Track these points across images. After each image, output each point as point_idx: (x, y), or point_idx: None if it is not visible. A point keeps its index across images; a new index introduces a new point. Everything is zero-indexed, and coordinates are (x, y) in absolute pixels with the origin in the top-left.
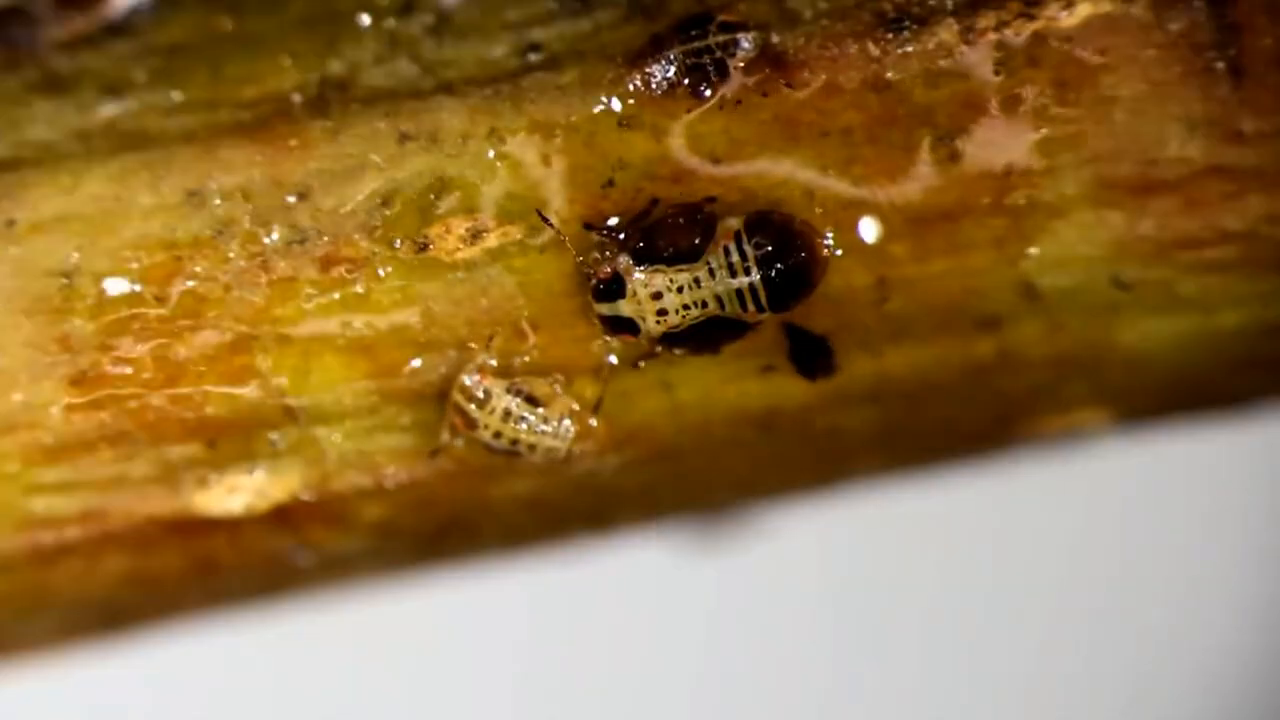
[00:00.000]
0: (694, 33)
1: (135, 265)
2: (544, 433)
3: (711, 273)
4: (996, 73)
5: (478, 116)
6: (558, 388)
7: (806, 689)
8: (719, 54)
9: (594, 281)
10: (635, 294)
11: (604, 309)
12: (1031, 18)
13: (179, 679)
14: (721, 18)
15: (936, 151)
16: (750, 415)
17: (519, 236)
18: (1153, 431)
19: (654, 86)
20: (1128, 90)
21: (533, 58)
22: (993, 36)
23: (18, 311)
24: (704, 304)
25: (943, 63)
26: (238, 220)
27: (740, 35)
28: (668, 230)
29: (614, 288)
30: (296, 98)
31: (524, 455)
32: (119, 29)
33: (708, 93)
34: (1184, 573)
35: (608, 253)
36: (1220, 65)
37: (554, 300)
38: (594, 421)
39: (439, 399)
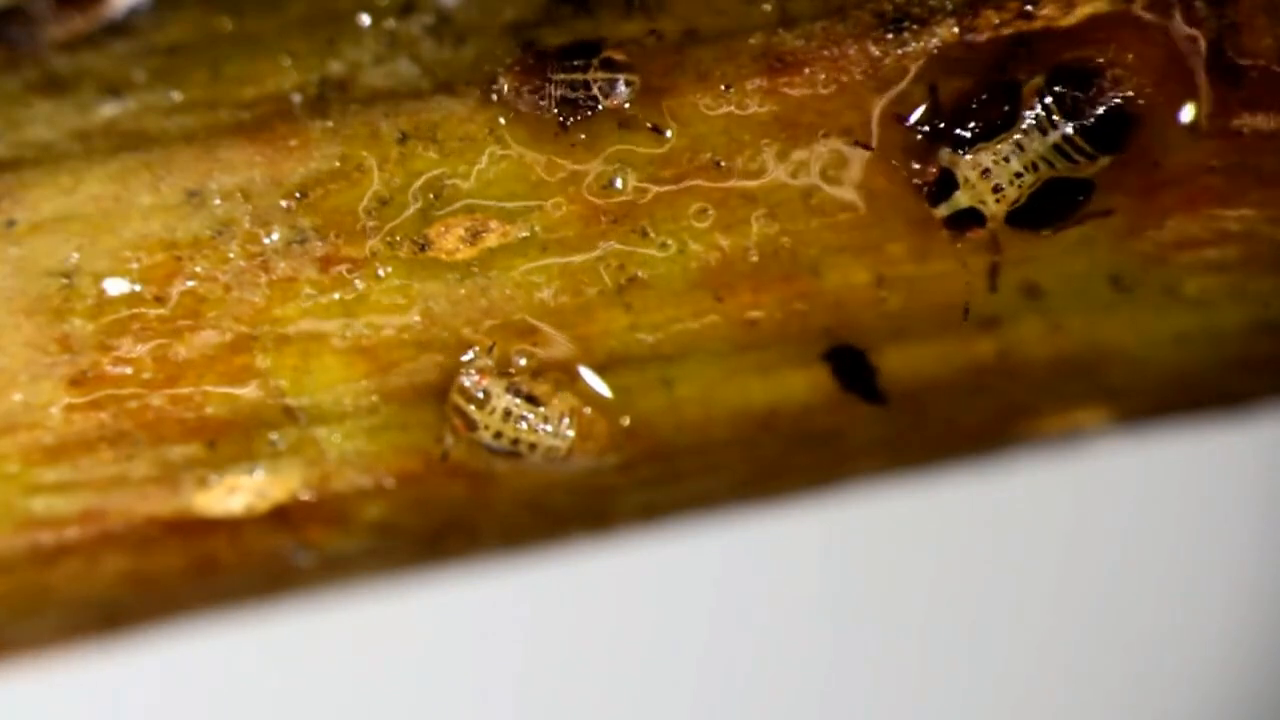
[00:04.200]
0: (576, 63)
1: (135, 265)
2: (544, 432)
3: (1029, 134)
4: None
5: (478, 116)
6: (561, 394)
7: (806, 689)
8: (594, 91)
9: (925, 187)
10: (967, 179)
11: (943, 210)
12: (1031, 17)
13: (179, 679)
14: (606, 54)
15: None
16: (750, 414)
17: (519, 236)
18: (1153, 431)
19: (521, 104)
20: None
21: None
22: (992, 36)
23: (18, 311)
24: (1035, 166)
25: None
26: (238, 220)
27: (621, 77)
28: (974, 110)
29: (945, 183)
30: (296, 98)
31: (524, 455)
32: (119, 29)
33: (569, 123)
34: (1184, 573)
35: (922, 153)
36: (1220, 65)
37: (554, 299)
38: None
39: (439, 399)
